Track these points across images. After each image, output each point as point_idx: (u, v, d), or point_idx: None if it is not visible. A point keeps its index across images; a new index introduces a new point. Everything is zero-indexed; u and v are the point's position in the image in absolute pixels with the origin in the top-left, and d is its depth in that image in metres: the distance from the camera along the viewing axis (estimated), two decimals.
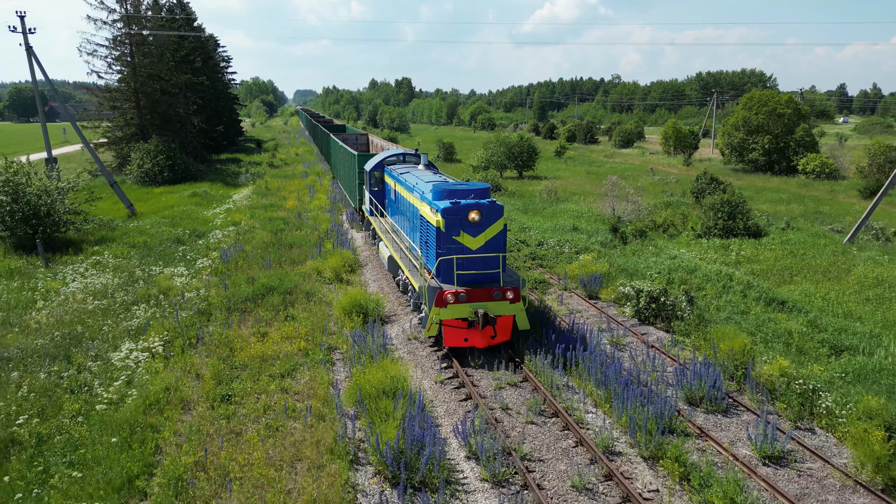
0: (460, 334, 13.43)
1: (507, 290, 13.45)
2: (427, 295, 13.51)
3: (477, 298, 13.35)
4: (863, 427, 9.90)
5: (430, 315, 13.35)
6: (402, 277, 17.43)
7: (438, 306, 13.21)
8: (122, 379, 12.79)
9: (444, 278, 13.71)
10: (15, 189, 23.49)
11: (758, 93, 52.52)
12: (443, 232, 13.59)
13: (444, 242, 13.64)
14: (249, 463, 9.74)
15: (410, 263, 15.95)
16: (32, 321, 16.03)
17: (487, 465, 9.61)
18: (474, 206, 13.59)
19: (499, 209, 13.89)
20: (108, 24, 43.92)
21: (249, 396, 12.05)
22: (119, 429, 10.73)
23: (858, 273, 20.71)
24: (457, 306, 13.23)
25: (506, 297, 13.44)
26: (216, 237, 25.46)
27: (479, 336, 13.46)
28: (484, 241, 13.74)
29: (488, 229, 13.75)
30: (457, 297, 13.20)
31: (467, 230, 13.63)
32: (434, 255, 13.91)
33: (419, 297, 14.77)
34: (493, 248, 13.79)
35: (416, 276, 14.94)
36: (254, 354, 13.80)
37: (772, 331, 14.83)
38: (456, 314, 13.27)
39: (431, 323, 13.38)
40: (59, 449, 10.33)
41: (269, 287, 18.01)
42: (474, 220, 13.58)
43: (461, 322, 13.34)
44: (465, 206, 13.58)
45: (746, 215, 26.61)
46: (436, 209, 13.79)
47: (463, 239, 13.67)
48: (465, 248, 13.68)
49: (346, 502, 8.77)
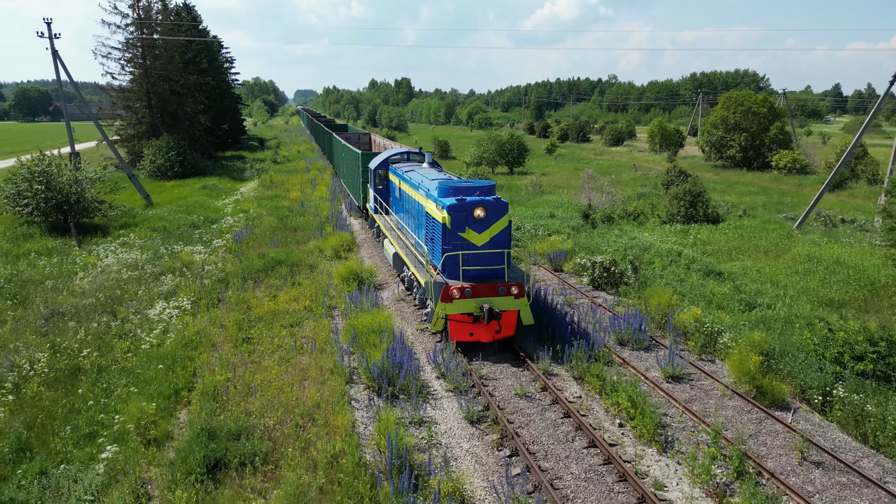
0: (466, 329, 13.64)
1: (511, 286, 13.67)
2: (433, 290, 13.81)
3: (482, 294, 13.55)
4: (743, 353, 12.75)
5: (436, 310, 13.60)
6: (408, 274, 17.50)
7: (444, 301, 13.43)
8: (160, 328, 15.64)
9: (450, 274, 13.92)
10: (48, 179, 26.35)
11: (735, 93, 55.35)
12: (448, 228, 13.80)
13: (450, 239, 13.86)
14: (268, 380, 12.58)
15: (416, 260, 16.19)
16: (77, 287, 18.89)
17: (452, 380, 12.46)
18: (479, 202, 13.83)
19: (503, 206, 14.12)
20: (122, 28, 46.81)
21: (265, 339, 14.89)
22: (163, 359, 13.57)
23: (794, 252, 23.55)
24: (462, 301, 13.43)
25: (510, 292, 13.66)
26: (228, 222, 28.31)
27: (485, 331, 13.64)
28: (489, 237, 14.00)
29: (493, 226, 14.00)
30: (462, 293, 13.40)
31: (473, 227, 13.88)
32: (440, 251, 14.13)
33: (425, 293, 15.00)
34: (497, 245, 14.06)
35: (421, 272, 15.20)
36: (267, 310, 16.65)
37: (700, 293, 17.69)
38: (461, 309, 13.46)
39: (437, 318, 13.63)
40: (115, 374, 13.17)
41: (278, 260, 20.88)
42: (479, 217, 13.81)
43: (467, 317, 13.54)
44: (470, 202, 13.84)
45: (706, 204, 29.46)
46: (441, 206, 14.07)
47: (468, 235, 13.91)
48: (471, 245, 13.91)
49: (343, 402, 11.60)
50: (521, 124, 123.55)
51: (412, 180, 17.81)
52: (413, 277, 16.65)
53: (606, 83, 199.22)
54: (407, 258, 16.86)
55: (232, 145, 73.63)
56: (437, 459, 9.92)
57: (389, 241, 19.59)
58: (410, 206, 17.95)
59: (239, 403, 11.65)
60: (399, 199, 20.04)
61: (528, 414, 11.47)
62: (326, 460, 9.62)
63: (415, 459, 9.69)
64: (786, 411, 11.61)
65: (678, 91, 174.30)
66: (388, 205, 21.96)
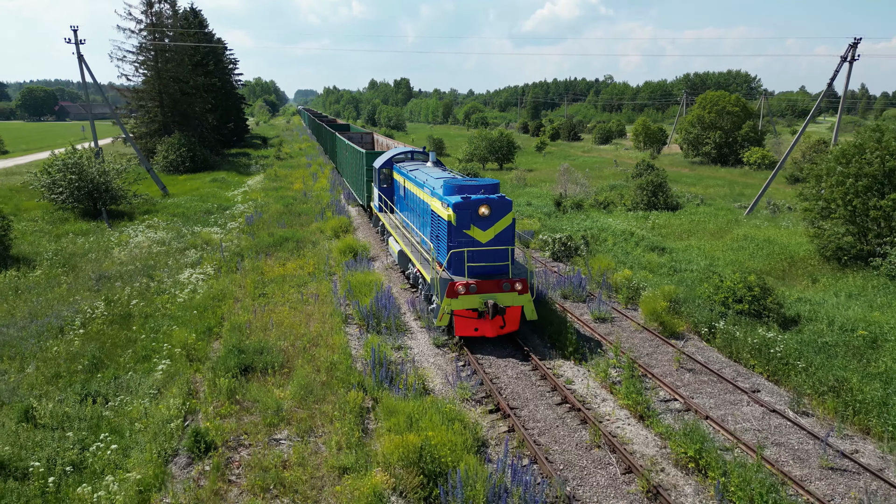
0: (471, 324, 14.00)
1: (515, 282, 14.05)
2: (439, 286, 14.08)
3: (487, 290, 13.88)
4: (655, 300, 16.19)
5: (441, 306, 13.94)
6: (413, 271, 17.78)
7: (450, 297, 13.75)
8: (189, 288, 19.08)
9: (455, 270, 14.26)
10: (80, 170, 29.80)
11: (710, 93, 58.81)
12: (454, 226, 14.11)
13: (455, 236, 14.17)
14: (280, 320, 16.01)
15: (422, 257, 16.48)
16: (116, 258, 22.36)
17: (425, 320, 15.91)
18: (484, 200, 14.10)
19: (508, 204, 14.43)
20: (136, 32, 50.29)
21: (277, 294, 18.32)
22: (196, 307, 17.01)
23: (735, 233, 26.99)
24: (467, 297, 13.76)
25: (514, 288, 14.03)
26: (239, 209, 31.78)
27: (489, 326, 13.99)
28: (493, 234, 14.30)
29: (498, 223, 14.31)
30: (467, 289, 13.73)
31: (478, 224, 14.16)
32: (445, 248, 14.44)
33: (430, 289, 15.30)
34: (502, 242, 14.38)
35: (427, 268, 15.42)
36: (277, 274, 20.09)
37: (639, 262, 21.14)
38: (467, 305, 13.80)
39: (443, 313, 13.94)
40: (159, 318, 16.60)
41: (285, 238, 24.34)
42: (484, 215, 14.09)
43: (472, 312, 13.89)
44: (475, 200, 14.11)
45: (666, 193, 32.91)
46: (447, 204, 14.32)
47: (473, 232, 14.19)
48: (476, 242, 14.20)
49: (340, 331, 15.04)
50: (516, 123, 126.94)
51: (417, 179, 18.20)
52: (418, 274, 16.97)
53: (602, 83, 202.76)
54: (412, 255, 17.08)
55: (237, 143, 77.15)
56: (408, 366, 13.38)
57: (394, 238, 19.97)
58: (415, 204, 18.35)
59: (259, 334, 15.09)
60: (404, 198, 20.46)
61: (482, 342, 14.91)
62: (326, 366, 13.05)
63: (392, 365, 13.13)
64: (680, 339, 15.08)
65: (671, 91, 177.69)
66: (392, 203, 22.45)
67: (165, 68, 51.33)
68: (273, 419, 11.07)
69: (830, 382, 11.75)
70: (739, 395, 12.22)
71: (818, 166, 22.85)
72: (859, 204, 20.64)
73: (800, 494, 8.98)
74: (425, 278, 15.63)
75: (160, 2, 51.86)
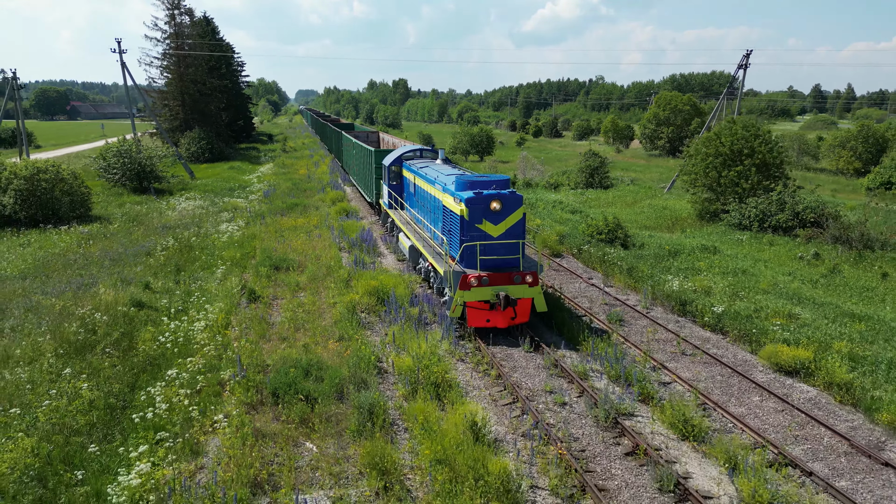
0: (483, 315, 14.35)
1: (526, 275, 14.42)
2: (452, 279, 14.37)
3: (498, 282, 14.23)
4: (549, 236, 23.83)
5: (454, 298, 14.29)
6: (426, 265, 18.46)
7: (462, 289, 14.10)
8: (228, 233, 26.77)
9: (468, 263, 14.65)
10: (130, 156, 37.52)
11: (665, 93, 66.51)
12: (466, 220, 14.47)
13: (468, 230, 14.52)
14: (296, 247, 23.71)
15: (434, 251, 16.95)
16: (169, 217, 30.07)
17: (392, 249, 23.63)
18: (496, 195, 14.46)
19: (518, 199, 14.80)
20: (161, 41, 57.99)
21: (292, 236, 26.01)
22: (236, 242, 24.71)
23: (643, 203, 34.71)
24: (480, 289, 14.12)
25: (525, 280, 14.40)
26: (256, 187, 39.53)
27: (501, 317, 14.32)
28: (504, 228, 14.66)
29: (509, 217, 14.68)
30: (480, 281, 14.09)
31: (489, 218, 14.51)
32: (458, 242, 14.85)
33: (443, 282, 15.75)
34: (513, 236, 14.77)
35: (439, 262, 15.82)
36: (291, 226, 27.77)
37: (557, 220, 28.81)
38: (479, 297, 14.15)
39: (456, 305, 14.29)
40: (212, 248, 24.27)
41: (295, 204, 32.07)
42: (496, 209, 14.42)
43: (484, 304, 14.24)
44: (487, 195, 14.47)
45: (602, 175, 40.62)
46: (459, 199, 14.67)
47: (485, 227, 14.54)
48: (487, 236, 14.56)
49: (335, 252, 22.70)
50: (504, 122, 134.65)
51: (427, 176, 18.78)
52: (430, 268, 17.60)
53: (592, 84, 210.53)
54: (424, 250, 17.61)
55: (245, 139, 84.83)
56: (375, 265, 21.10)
57: (405, 234, 20.55)
58: (426, 200, 18.97)
59: (282, 253, 22.78)
60: (413, 195, 21.15)
61: None
62: (326, 266, 20.74)
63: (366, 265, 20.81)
64: (561, 258, 22.79)
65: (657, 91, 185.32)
66: (402, 200, 23.25)
67: (186, 72, 59.00)
68: (295, 288, 18.78)
69: (625, 269, 19.54)
70: (580, 281, 19.94)
71: (689, 149, 30.56)
72: (715, 175, 28.36)
73: (591, 318, 16.68)
74: (438, 271, 16.13)
75: (181, 14, 59.63)
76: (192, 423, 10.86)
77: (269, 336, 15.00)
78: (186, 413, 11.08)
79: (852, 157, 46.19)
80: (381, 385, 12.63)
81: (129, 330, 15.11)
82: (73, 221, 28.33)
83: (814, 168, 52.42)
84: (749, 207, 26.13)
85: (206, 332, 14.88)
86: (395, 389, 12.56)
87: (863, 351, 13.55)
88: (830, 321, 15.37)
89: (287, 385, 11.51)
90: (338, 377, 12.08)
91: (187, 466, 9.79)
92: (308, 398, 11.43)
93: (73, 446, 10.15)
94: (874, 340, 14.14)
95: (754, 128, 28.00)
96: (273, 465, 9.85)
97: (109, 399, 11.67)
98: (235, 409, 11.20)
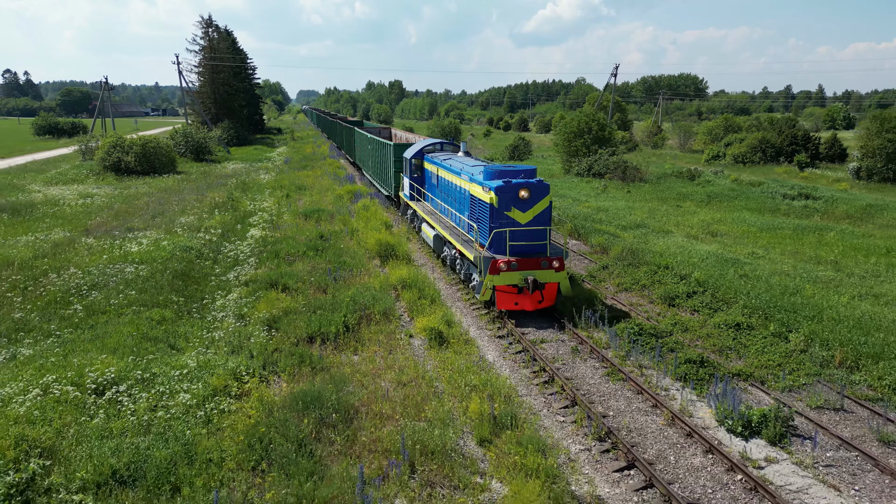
0: (511, 299, 15.05)
1: (553, 260, 15.14)
2: (482, 264, 15.08)
3: (526, 267, 14.96)
4: None
5: (484, 282, 14.97)
6: (452, 252, 18.75)
7: (492, 274, 14.79)
8: (267, 178, 43.57)
9: (496, 249, 15.29)
10: (191, 136, 54.45)
11: (594, 94, 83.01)
12: (496, 208, 15.07)
13: (497, 218, 15.15)
14: (309, 183, 40.48)
15: (461, 238, 17.46)
16: (224, 173, 46.94)
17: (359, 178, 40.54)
18: (524, 184, 15.11)
19: (545, 187, 15.36)
20: (198, 52, 74.95)
21: (306, 178, 42.77)
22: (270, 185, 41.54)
23: (541, 168, 51.50)
24: (508, 273, 14.82)
25: (552, 265, 15.12)
26: (277, 160, 56.54)
27: (529, 300, 15.01)
28: (532, 215, 15.28)
29: (536, 205, 15.28)
30: (509, 266, 14.80)
31: (518, 206, 15.13)
32: (487, 229, 15.48)
33: (471, 268, 16.52)
34: (540, 223, 15.37)
35: (468, 248, 16.39)
36: (305, 175, 44.57)
37: None
38: (508, 281, 14.87)
39: (486, 289, 14.97)
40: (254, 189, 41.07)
41: (305, 165, 49.19)
42: (524, 197, 15.04)
43: (512, 288, 14.94)
44: (516, 184, 15.12)
45: (521, 152, 57.39)
46: (489, 188, 15.27)
47: (513, 214, 15.15)
48: (516, 223, 15.19)
49: (331, 183, 39.44)
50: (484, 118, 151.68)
51: (452, 167, 19.10)
52: (457, 255, 18.09)
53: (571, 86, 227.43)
54: (451, 237, 17.91)
55: (259, 131, 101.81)
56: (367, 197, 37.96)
57: (429, 223, 20.91)
58: (451, 190, 19.33)
59: (306, 197, 39.52)
60: (436, 186, 21.40)
61: None
62: (335, 196, 37.47)
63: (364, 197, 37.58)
64: None
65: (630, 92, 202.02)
66: (424, 191, 23.62)
67: (217, 77, 75.88)
68: (310, 195, 35.61)
69: None
70: None
71: (556, 126, 47.39)
72: (567, 145, 45.19)
73: None
74: (467, 257, 16.67)
75: (212, 31, 76.63)
76: (273, 221, 27.72)
77: (299, 206, 31.92)
78: (270, 220, 27.96)
79: (709, 139, 62.96)
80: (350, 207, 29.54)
81: (232, 204, 32.00)
82: (167, 173, 45.18)
83: (690, 149, 69.01)
84: (583, 163, 42.97)
85: (270, 203, 31.88)
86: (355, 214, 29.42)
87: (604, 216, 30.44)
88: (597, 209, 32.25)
89: (312, 211, 28.39)
90: (330, 210, 28.99)
91: (274, 231, 26.60)
92: (320, 214, 28.30)
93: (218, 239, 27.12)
94: (607, 210, 30.99)
95: (591, 116, 44.82)
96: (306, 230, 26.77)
97: (234, 223, 28.45)
98: (291, 217, 28.08)
